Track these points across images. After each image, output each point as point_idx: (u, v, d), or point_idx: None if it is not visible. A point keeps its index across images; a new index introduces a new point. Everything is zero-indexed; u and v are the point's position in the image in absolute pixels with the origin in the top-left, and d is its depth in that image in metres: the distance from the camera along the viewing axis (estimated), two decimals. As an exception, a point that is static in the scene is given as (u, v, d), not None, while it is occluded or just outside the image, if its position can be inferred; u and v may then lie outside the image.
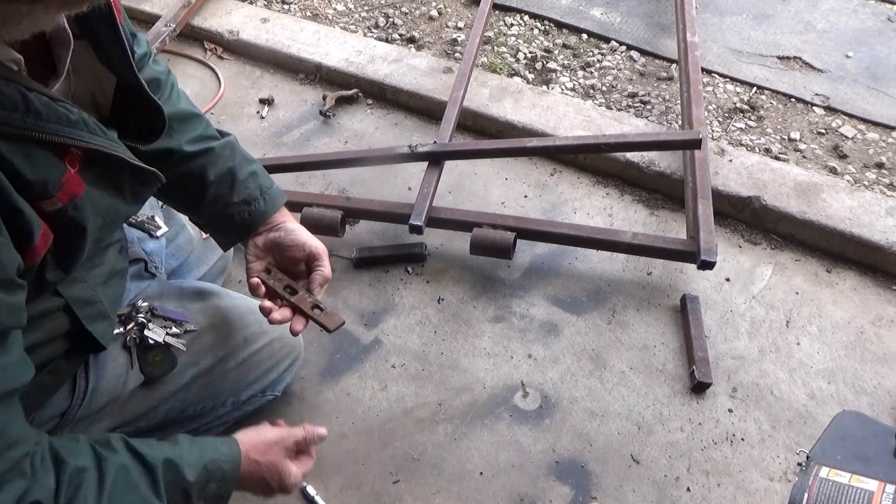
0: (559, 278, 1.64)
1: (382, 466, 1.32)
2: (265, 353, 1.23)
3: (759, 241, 1.73)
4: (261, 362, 1.22)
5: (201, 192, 1.09)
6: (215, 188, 1.09)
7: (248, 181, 1.11)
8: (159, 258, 1.23)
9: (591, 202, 1.82)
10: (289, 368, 1.29)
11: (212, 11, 2.38)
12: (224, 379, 1.17)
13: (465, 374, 1.46)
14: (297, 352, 1.31)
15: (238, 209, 1.10)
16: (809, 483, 0.89)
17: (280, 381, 1.28)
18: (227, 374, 1.17)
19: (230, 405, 1.20)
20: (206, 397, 1.15)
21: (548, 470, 1.31)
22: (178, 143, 1.05)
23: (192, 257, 1.38)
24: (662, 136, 1.71)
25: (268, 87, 2.19)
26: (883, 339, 1.52)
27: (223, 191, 1.10)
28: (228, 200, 1.10)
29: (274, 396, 1.28)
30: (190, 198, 1.11)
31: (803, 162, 1.92)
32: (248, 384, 1.21)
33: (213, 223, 1.16)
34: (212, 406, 1.18)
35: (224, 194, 1.10)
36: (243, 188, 1.11)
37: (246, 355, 1.20)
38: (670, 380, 1.45)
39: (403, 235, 1.70)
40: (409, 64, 2.14)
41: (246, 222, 1.12)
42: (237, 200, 1.10)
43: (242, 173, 1.11)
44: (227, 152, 1.11)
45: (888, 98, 2.11)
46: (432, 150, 1.69)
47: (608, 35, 2.34)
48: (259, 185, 1.12)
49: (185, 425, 1.16)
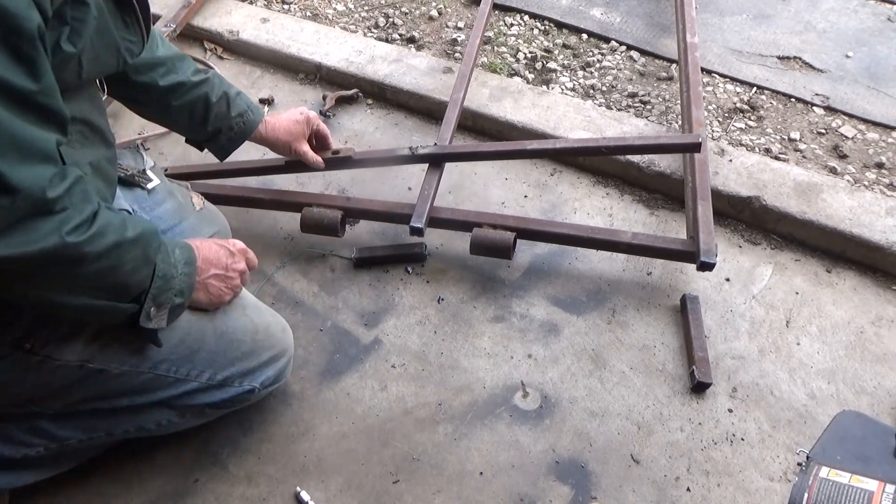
0: (559, 278, 1.64)
1: (382, 466, 1.32)
2: (247, 335, 1.23)
3: (759, 241, 1.73)
4: (241, 343, 1.22)
5: (207, 111, 1.38)
6: (217, 107, 1.39)
7: (237, 99, 1.43)
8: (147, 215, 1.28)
9: (591, 202, 1.82)
10: (271, 361, 1.27)
11: (212, 11, 2.38)
12: (202, 341, 1.17)
13: (465, 374, 1.46)
14: (282, 347, 1.30)
15: (235, 121, 1.43)
16: (809, 483, 0.89)
17: (260, 373, 1.26)
18: (205, 339, 1.18)
19: (205, 380, 1.19)
20: (181, 356, 1.15)
21: (548, 470, 1.31)
22: (185, 76, 1.33)
23: (185, 225, 1.39)
24: (662, 140, 1.71)
25: (268, 87, 2.19)
26: (883, 339, 1.52)
27: (223, 108, 1.40)
28: (227, 115, 1.42)
29: (252, 388, 1.25)
30: (198, 118, 1.39)
31: (803, 162, 1.92)
32: (226, 361, 1.21)
33: (215, 136, 1.44)
34: (186, 373, 1.17)
35: (223, 111, 1.41)
36: (235, 105, 1.42)
37: (224, 328, 1.20)
38: (670, 380, 1.45)
39: (403, 235, 1.70)
40: (409, 64, 2.14)
41: (242, 130, 1.45)
42: (234, 114, 1.43)
43: (232, 94, 1.42)
44: (217, 80, 1.40)
45: (888, 98, 2.11)
46: (433, 152, 1.69)
47: (608, 35, 2.34)
48: (245, 101, 1.45)
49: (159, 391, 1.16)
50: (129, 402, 1.15)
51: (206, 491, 1.29)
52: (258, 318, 1.27)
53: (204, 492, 1.28)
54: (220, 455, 1.31)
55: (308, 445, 1.35)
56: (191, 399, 1.20)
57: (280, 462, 1.33)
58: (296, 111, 1.56)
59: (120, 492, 1.27)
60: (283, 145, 1.54)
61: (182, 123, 1.40)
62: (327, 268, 1.68)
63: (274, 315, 1.33)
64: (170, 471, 1.31)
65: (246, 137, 1.47)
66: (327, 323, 1.56)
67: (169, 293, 1.04)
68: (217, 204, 1.56)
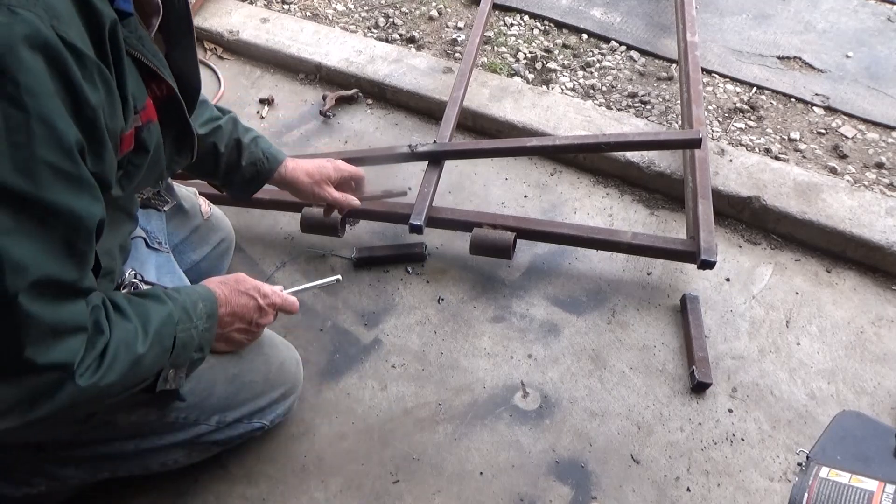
0: (559, 278, 1.64)
1: (382, 466, 1.32)
2: (259, 376, 1.21)
3: (759, 241, 1.73)
4: (253, 384, 1.21)
5: (216, 162, 1.31)
6: (226, 157, 1.31)
7: (251, 146, 1.34)
8: (162, 235, 1.26)
9: (591, 202, 1.82)
10: (282, 399, 1.27)
11: (212, 11, 2.38)
12: (213, 388, 1.15)
13: (465, 374, 1.46)
14: (293, 383, 1.29)
15: (247, 170, 1.35)
16: (809, 483, 0.89)
17: (270, 411, 1.25)
18: (217, 385, 1.16)
19: (215, 423, 1.18)
20: (190, 404, 1.12)
21: (548, 470, 1.31)
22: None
23: (194, 235, 1.40)
24: (662, 136, 1.71)
25: (268, 87, 2.19)
26: (883, 339, 1.52)
27: (233, 158, 1.32)
28: (238, 164, 1.33)
29: (262, 426, 1.25)
30: (208, 167, 1.32)
31: (803, 162, 1.92)
32: (237, 403, 1.19)
33: (228, 183, 1.38)
34: (195, 418, 1.15)
35: (234, 160, 1.33)
36: (248, 152, 1.33)
37: (237, 370, 1.18)
38: (670, 380, 1.45)
39: (403, 235, 1.70)
40: (409, 64, 2.14)
41: (255, 178, 1.37)
42: (245, 164, 1.34)
43: (246, 140, 1.33)
44: (230, 126, 1.32)
45: (888, 98, 2.11)
46: (432, 149, 1.69)
47: (608, 35, 2.34)
48: (261, 148, 1.36)
49: (167, 436, 1.15)
50: (134, 446, 1.13)
51: (206, 491, 1.28)
52: (273, 355, 1.24)
53: (204, 492, 1.28)
54: (220, 455, 1.31)
55: (308, 445, 1.35)
56: (199, 440, 1.18)
57: (280, 462, 1.33)
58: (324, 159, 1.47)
59: (120, 491, 1.27)
60: (304, 188, 1.42)
61: (195, 170, 1.34)
62: (327, 268, 1.68)
63: (289, 348, 1.31)
64: (170, 470, 1.30)
65: (260, 184, 1.39)
66: (327, 323, 1.56)
67: (188, 353, 1.01)
68: (217, 204, 1.56)
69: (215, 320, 1.06)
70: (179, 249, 1.37)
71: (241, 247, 1.70)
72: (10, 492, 1.12)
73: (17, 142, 0.69)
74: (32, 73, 0.68)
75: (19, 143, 0.69)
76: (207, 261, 1.46)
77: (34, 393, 0.79)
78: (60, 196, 0.74)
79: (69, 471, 1.14)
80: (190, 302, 1.01)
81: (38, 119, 0.70)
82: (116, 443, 1.12)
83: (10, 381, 0.77)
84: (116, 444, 1.12)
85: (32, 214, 0.73)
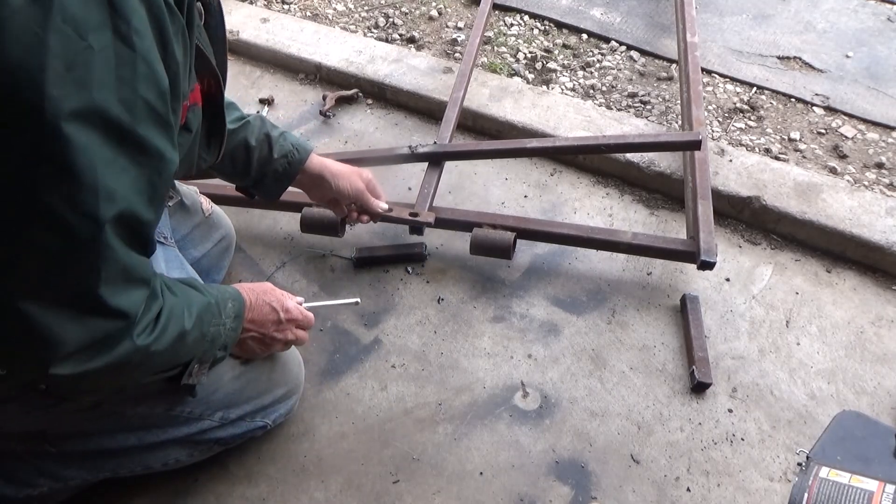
0: (559, 278, 1.64)
1: (382, 466, 1.32)
2: (263, 374, 1.23)
3: (759, 241, 1.73)
4: (257, 381, 1.22)
5: (249, 156, 1.31)
6: (258, 151, 1.32)
7: (280, 140, 1.35)
8: (167, 229, 1.28)
9: (591, 202, 1.82)
10: (284, 398, 1.28)
11: (212, 11, 2.38)
12: (219, 383, 1.16)
13: (465, 374, 1.46)
14: (295, 383, 1.30)
15: (279, 163, 1.35)
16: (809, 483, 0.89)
17: (273, 410, 1.26)
18: (223, 381, 1.17)
19: (218, 419, 1.19)
20: (197, 399, 1.14)
21: (548, 470, 1.31)
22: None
23: (196, 232, 1.40)
24: (662, 138, 1.71)
25: (268, 87, 2.19)
26: (883, 339, 1.52)
27: (265, 151, 1.33)
28: (270, 157, 1.34)
29: (264, 425, 1.26)
30: (241, 164, 1.32)
31: (803, 162, 1.92)
32: (241, 400, 1.20)
33: (261, 180, 1.36)
34: (200, 413, 1.16)
35: (265, 153, 1.33)
36: (278, 146, 1.34)
37: (243, 367, 1.20)
38: (670, 380, 1.45)
39: (403, 235, 1.70)
40: (409, 64, 2.14)
41: (287, 171, 1.37)
42: (277, 156, 1.34)
43: (275, 135, 1.35)
44: (258, 122, 1.33)
45: (888, 98, 2.11)
46: (432, 150, 1.69)
47: (608, 35, 2.34)
48: (290, 141, 1.36)
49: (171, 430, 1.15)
50: (137, 440, 1.14)
51: (206, 490, 1.28)
52: (276, 354, 1.26)
53: (204, 491, 1.28)
54: (220, 454, 1.31)
55: (308, 445, 1.35)
56: (201, 436, 1.19)
57: (280, 462, 1.33)
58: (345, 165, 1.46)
59: (120, 491, 1.27)
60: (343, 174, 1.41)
61: (227, 171, 1.34)
62: (327, 268, 1.68)
63: (292, 349, 1.31)
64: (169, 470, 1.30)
65: (292, 178, 1.38)
66: (327, 323, 1.56)
67: (214, 350, 1.03)
68: (218, 204, 1.57)
69: (241, 322, 1.08)
70: (181, 245, 1.37)
71: (241, 246, 1.70)
72: (12, 493, 1.12)
73: (123, 76, 0.73)
74: (139, 16, 0.73)
75: (125, 78, 0.73)
76: (208, 258, 1.47)
77: (96, 338, 0.81)
78: (153, 134, 0.77)
79: (71, 471, 1.14)
80: (222, 299, 1.04)
81: (143, 59, 0.74)
82: (120, 435, 1.13)
83: (78, 319, 0.79)
84: (120, 437, 1.13)
85: (129, 148, 0.75)
